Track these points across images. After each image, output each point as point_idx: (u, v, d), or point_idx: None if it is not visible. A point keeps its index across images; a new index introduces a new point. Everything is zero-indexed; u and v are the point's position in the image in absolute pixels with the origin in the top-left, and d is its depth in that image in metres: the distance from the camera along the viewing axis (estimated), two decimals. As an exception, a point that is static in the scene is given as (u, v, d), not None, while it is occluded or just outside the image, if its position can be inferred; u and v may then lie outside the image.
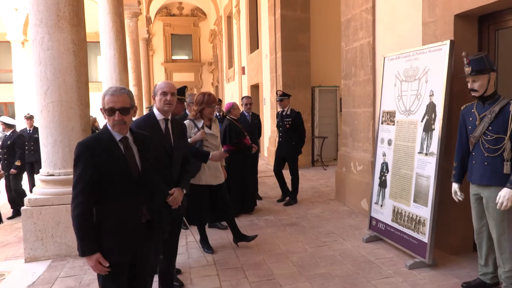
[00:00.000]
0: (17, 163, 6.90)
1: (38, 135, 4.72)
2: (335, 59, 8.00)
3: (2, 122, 7.10)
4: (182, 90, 3.68)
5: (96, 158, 2.07)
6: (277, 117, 6.41)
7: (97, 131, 7.57)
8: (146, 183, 2.24)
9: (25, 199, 4.26)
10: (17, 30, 14.41)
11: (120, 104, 2.12)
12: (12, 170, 6.85)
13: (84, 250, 2.06)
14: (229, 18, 17.20)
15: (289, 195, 6.25)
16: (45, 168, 4.31)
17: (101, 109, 2.16)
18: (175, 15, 23.21)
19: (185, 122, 3.95)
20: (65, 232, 4.19)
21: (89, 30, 4.92)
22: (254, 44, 12.87)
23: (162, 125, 2.93)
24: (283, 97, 6.20)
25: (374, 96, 5.13)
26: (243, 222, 5.15)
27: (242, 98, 6.72)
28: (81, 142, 2.14)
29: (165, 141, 2.91)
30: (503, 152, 2.78)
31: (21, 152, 7.02)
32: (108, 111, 2.12)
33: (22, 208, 4.19)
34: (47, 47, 4.14)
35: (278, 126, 6.32)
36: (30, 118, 7.64)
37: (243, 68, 14.01)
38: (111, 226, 2.11)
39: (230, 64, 17.49)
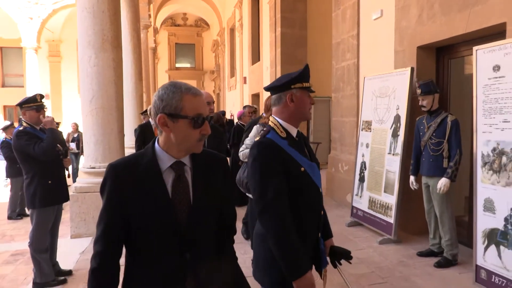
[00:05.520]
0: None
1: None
2: (328, 73, 8.99)
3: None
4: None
5: (124, 194, 1.32)
6: None
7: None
8: (197, 237, 1.39)
9: (72, 186, 5.22)
10: (31, 38, 15.47)
11: (208, 111, 1.37)
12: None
13: None
14: (231, 31, 18.29)
15: None
16: (87, 162, 5.29)
17: (161, 117, 1.28)
18: (179, 25, 24.42)
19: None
20: (104, 214, 5.16)
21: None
22: (255, 56, 13.94)
23: None
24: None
25: (358, 108, 6.14)
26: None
27: (244, 107, 7.06)
28: (112, 164, 1.37)
29: None
30: (443, 152, 3.81)
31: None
32: (197, 121, 1.30)
33: (70, 194, 5.14)
34: (93, 64, 5.14)
35: None
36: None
37: (245, 78, 15.03)
38: None
39: (232, 73, 18.53)
